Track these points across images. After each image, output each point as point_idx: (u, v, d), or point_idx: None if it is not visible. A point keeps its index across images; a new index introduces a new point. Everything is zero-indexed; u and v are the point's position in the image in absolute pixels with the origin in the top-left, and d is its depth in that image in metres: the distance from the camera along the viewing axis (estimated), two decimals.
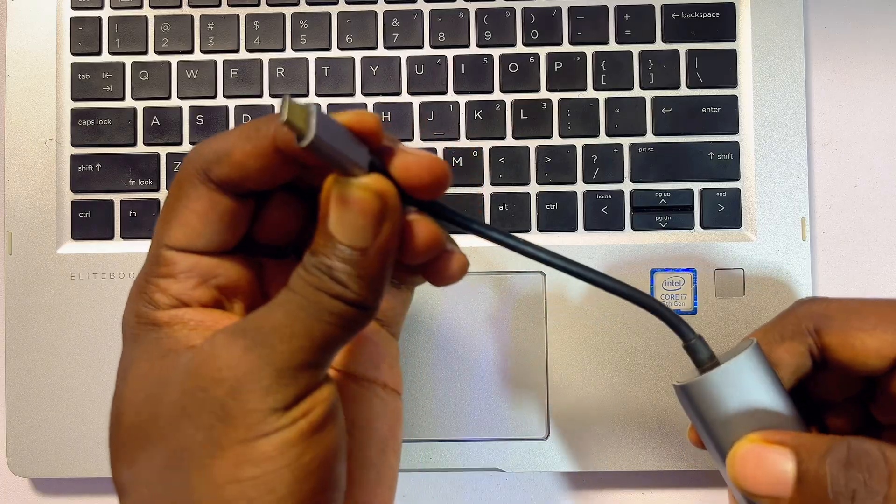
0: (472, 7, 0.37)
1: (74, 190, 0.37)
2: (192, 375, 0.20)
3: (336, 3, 0.37)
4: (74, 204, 0.37)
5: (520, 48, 0.37)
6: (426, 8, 0.37)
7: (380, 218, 0.21)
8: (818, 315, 0.24)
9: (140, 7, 0.37)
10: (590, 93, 0.36)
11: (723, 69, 0.36)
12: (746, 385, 0.23)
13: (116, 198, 0.37)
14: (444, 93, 0.36)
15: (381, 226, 0.21)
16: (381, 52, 0.37)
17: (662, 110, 0.36)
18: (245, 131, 0.22)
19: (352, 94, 0.37)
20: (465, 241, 0.36)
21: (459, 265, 0.25)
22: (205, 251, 0.23)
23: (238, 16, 0.37)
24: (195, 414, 0.20)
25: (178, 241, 0.22)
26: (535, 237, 0.36)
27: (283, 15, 0.37)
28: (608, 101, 0.36)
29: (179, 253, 0.23)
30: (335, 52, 0.37)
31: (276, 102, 0.37)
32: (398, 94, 0.37)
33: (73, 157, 0.37)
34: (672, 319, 0.24)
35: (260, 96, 0.37)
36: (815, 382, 0.26)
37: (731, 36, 0.36)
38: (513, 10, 0.37)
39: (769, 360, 0.24)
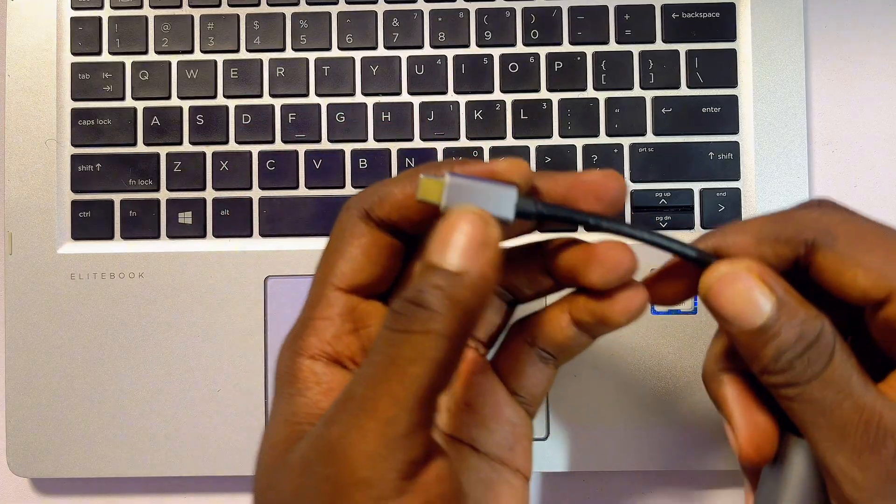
0: (472, 7, 0.37)
1: (74, 190, 0.37)
2: (301, 471, 0.20)
3: (336, 3, 0.37)
4: (74, 204, 0.37)
5: (520, 48, 0.37)
6: (426, 8, 0.37)
7: (481, 242, 0.20)
8: (823, 229, 0.22)
9: (140, 7, 0.37)
10: (590, 93, 0.36)
11: (723, 69, 0.36)
12: None
13: (116, 198, 0.37)
14: (444, 93, 0.37)
15: (482, 251, 0.20)
16: (381, 52, 0.37)
17: (662, 110, 0.36)
18: (408, 175, 0.23)
19: (352, 94, 0.37)
20: None
21: (639, 301, 0.24)
22: (367, 286, 0.23)
23: (238, 16, 0.37)
24: (310, 498, 0.19)
25: (342, 277, 0.23)
26: (535, 236, 0.36)
27: (283, 15, 0.37)
28: (608, 101, 0.36)
29: (341, 293, 0.23)
30: (335, 52, 0.37)
31: (277, 103, 0.37)
32: (398, 94, 0.37)
33: (73, 157, 0.37)
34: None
35: (260, 96, 0.37)
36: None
37: (731, 36, 0.36)
38: (513, 10, 0.37)
39: (756, 253, 0.23)
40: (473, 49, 0.37)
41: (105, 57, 0.37)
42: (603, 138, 0.36)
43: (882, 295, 0.21)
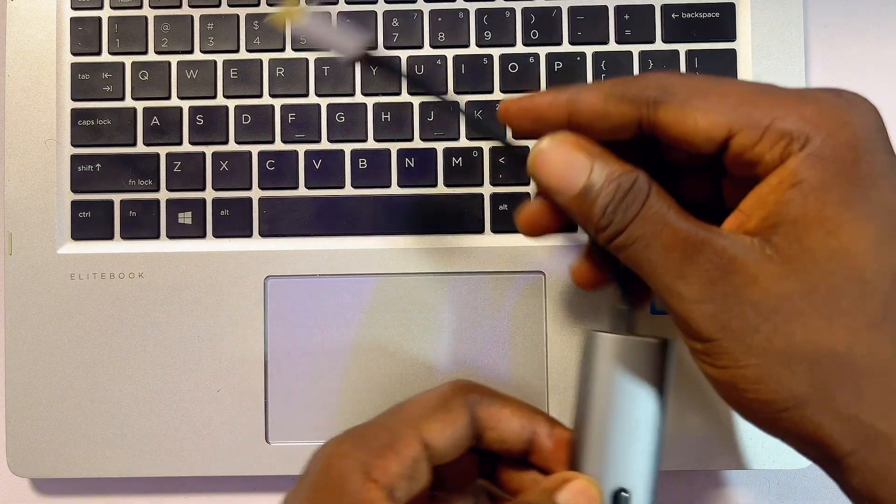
0: (472, 7, 0.37)
1: (74, 190, 0.37)
2: None
3: (336, 3, 0.37)
4: (74, 204, 0.37)
5: (520, 48, 0.37)
6: (426, 8, 0.37)
7: None
8: (663, 87, 0.23)
9: (140, 7, 0.37)
10: None
11: (723, 69, 0.36)
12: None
13: (116, 198, 0.37)
14: (445, 93, 0.36)
15: None
16: (381, 52, 0.37)
17: None
18: (520, 401, 0.28)
19: (352, 95, 0.37)
20: (469, 242, 0.36)
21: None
22: (435, 454, 0.25)
23: (238, 16, 0.37)
24: None
25: (430, 432, 0.25)
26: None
27: None
28: None
29: (420, 444, 0.25)
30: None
31: (277, 103, 0.37)
32: (398, 94, 0.37)
33: (73, 157, 0.37)
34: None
35: (260, 96, 0.37)
36: (666, 148, 0.26)
37: (731, 36, 0.36)
38: (513, 10, 0.37)
39: (602, 108, 0.24)
40: (473, 49, 0.37)
41: (105, 57, 0.37)
42: None
43: (723, 133, 0.23)
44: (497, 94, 0.36)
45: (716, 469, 0.36)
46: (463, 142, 0.36)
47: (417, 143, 0.36)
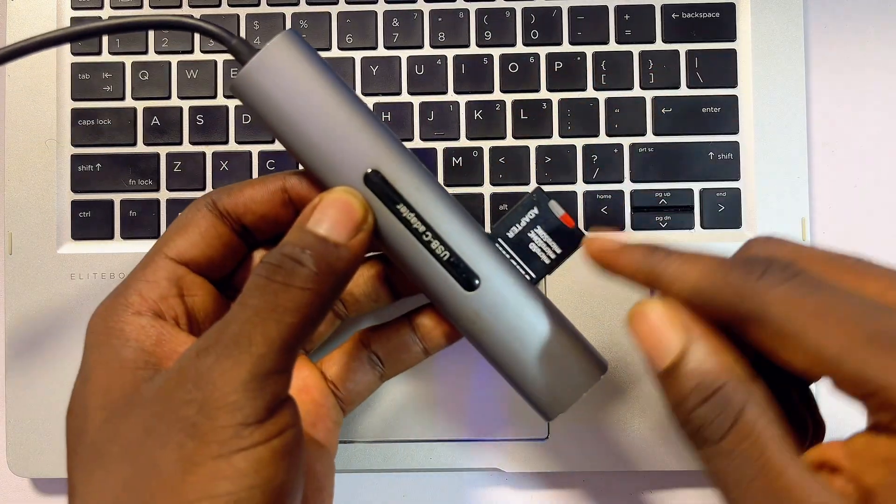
0: (472, 7, 0.37)
1: (74, 190, 0.37)
2: (160, 399, 0.21)
3: (336, 3, 0.37)
4: (74, 204, 0.37)
5: (520, 48, 0.37)
6: (426, 8, 0.37)
7: (360, 223, 0.23)
8: (757, 305, 0.20)
9: (140, 7, 0.37)
10: (590, 93, 0.36)
11: (723, 69, 0.36)
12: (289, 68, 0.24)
13: (116, 198, 0.37)
14: (444, 93, 0.36)
15: (359, 231, 0.23)
16: (381, 52, 0.37)
17: (662, 110, 0.36)
18: (262, 178, 0.26)
19: None
20: None
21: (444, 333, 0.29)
22: (197, 263, 0.25)
23: (238, 16, 0.37)
24: (164, 434, 0.20)
25: (174, 247, 0.25)
26: None
27: (283, 15, 0.37)
28: (608, 101, 0.36)
29: (170, 262, 0.25)
30: (335, 52, 0.37)
31: None
32: (398, 94, 0.37)
33: (73, 157, 0.37)
34: (210, 30, 0.25)
35: None
36: None
37: (731, 36, 0.36)
38: (513, 10, 0.37)
39: (684, 300, 0.21)
40: (473, 49, 0.37)
41: (105, 57, 0.37)
42: (603, 138, 0.36)
43: (820, 372, 0.19)
44: (497, 94, 0.36)
45: None
46: (463, 142, 0.36)
47: (418, 143, 0.36)
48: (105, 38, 0.37)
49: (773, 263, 0.20)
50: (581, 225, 0.36)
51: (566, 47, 0.37)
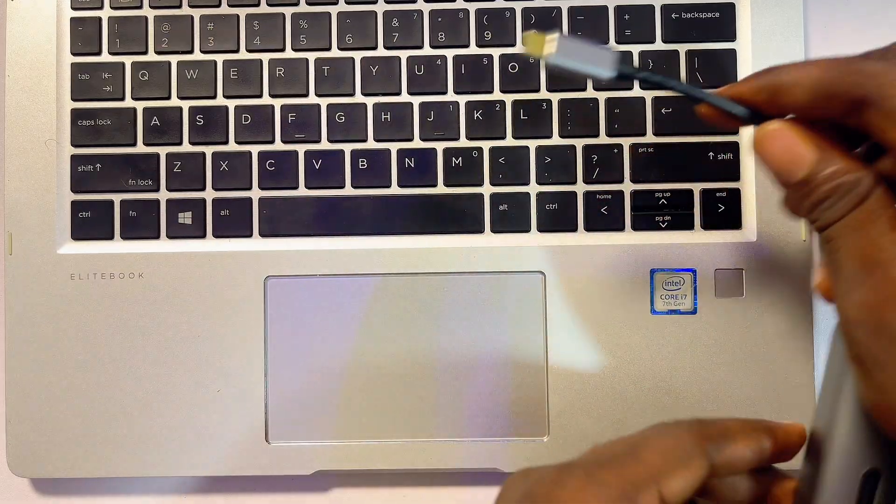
0: (472, 7, 0.37)
1: (74, 190, 0.37)
2: None
3: (336, 3, 0.37)
4: (74, 204, 0.37)
5: (520, 48, 0.37)
6: (426, 8, 0.37)
7: None
8: (877, 88, 0.22)
9: (140, 7, 0.37)
10: (590, 93, 0.36)
11: (723, 69, 0.36)
12: None
13: (116, 198, 0.37)
14: (444, 93, 0.36)
15: None
16: (381, 52, 0.37)
17: (662, 110, 0.36)
18: (747, 422, 0.26)
19: (352, 94, 0.37)
20: (469, 242, 0.36)
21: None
22: None
23: (238, 16, 0.37)
24: None
25: (667, 487, 0.23)
26: (534, 237, 0.36)
27: (283, 15, 0.37)
28: (608, 101, 0.36)
29: (658, 500, 0.23)
30: (335, 52, 0.37)
31: (277, 103, 0.37)
32: (398, 94, 0.37)
33: (73, 157, 0.37)
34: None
35: (260, 96, 0.37)
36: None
37: (731, 36, 0.36)
38: (513, 11, 0.37)
39: (803, 105, 0.24)
40: (473, 49, 0.37)
41: (105, 57, 0.37)
42: (603, 138, 0.36)
43: None
44: (497, 95, 0.36)
45: None
46: (463, 142, 0.36)
47: (417, 143, 0.36)
48: (105, 38, 0.37)
49: (891, 48, 0.23)
50: (581, 222, 0.36)
51: None
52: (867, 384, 0.23)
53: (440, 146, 0.36)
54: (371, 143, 0.37)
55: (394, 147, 0.36)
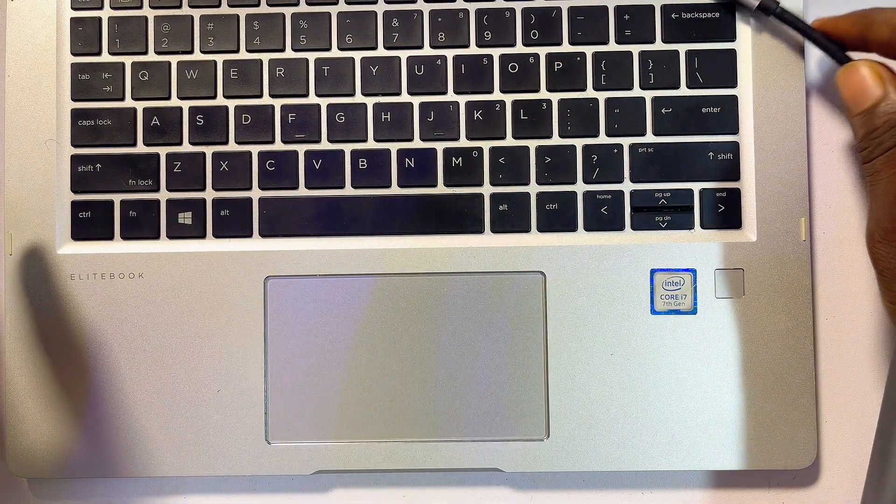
0: (472, 7, 0.37)
1: (74, 190, 0.37)
2: None
3: (336, 3, 0.37)
4: (74, 204, 0.37)
5: (520, 48, 0.37)
6: (426, 8, 0.37)
7: None
8: None
9: (140, 7, 0.37)
10: (590, 93, 0.36)
11: (723, 69, 0.36)
12: None
13: (116, 198, 0.37)
14: (444, 93, 0.37)
15: None
16: (381, 52, 0.37)
17: (662, 110, 0.36)
18: None
19: (352, 94, 0.37)
20: (469, 242, 0.36)
21: None
22: None
23: (238, 16, 0.37)
24: None
25: None
26: (534, 237, 0.36)
27: (283, 15, 0.37)
28: (608, 101, 0.36)
29: None
30: (335, 53, 0.37)
31: (277, 103, 0.37)
32: (398, 94, 0.37)
33: (73, 157, 0.37)
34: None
35: (260, 96, 0.37)
36: None
37: (731, 36, 0.36)
38: (513, 10, 0.37)
39: (887, 41, 0.30)
40: (473, 49, 0.37)
41: (105, 57, 0.37)
42: (603, 138, 0.36)
43: None
44: (497, 95, 0.36)
45: (717, 469, 0.36)
46: (463, 142, 0.36)
47: (417, 143, 0.36)
48: (105, 38, 0.37)
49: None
50: (581, 222, 0.36)
51: (566, 47, 0.37)
52: (888, 293, 0.27)
53: (440, 146, 0.36)
54: (371, 143, 0.37)
55: (394, 147, 0.36)
